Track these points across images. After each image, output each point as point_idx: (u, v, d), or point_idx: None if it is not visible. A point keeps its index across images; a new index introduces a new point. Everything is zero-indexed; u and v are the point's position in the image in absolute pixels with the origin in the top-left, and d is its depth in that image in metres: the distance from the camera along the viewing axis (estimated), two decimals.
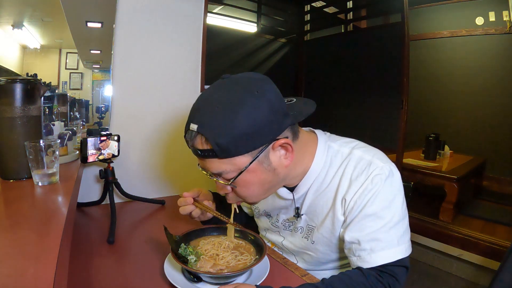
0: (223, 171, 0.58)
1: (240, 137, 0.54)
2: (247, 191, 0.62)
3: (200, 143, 0.57)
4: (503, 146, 3.03)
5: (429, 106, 3.46)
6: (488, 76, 3.10)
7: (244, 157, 0.57)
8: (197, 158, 0.62)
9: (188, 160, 1.38)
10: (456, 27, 3.26)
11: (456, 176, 2.16)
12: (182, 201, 0.78)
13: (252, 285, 0.57)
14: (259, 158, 0.58)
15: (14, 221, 0.51)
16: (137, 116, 1.22)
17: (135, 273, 0.71)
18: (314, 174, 0.68)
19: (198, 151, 0.58)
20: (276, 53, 3.05)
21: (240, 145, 0.55)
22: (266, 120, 0.55)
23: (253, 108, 0.54)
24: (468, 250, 1.93)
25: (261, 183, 0.61)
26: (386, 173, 0.62)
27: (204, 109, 0.57)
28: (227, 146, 0.54)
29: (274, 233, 0.82)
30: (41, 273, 0.36)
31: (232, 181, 0.59)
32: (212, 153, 0.55)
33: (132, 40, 1.17)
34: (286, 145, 0.59)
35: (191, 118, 0.59)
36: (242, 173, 0.58)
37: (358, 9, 3.01)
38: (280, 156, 0.61)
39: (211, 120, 0.55)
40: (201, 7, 1.32)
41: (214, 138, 0.54)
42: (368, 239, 0.61)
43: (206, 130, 0.55)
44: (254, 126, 0.54)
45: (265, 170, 0.60)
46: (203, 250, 0.70)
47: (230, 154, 0.55)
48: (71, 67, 1.20)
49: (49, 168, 0.70)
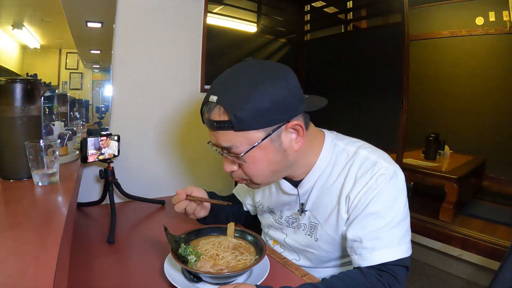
0: (234, 144, 0.59)
1: (257, 112, 0.56)
2: (255, 169, 0.63)
3: (217, 114, 0.58)
4: (503, 146, 3.03)
5: (429, 106, 3.46)
6: (488, 76, 3.10)
7: (258, 132, 0.58)
8: (210, 133, 0.63)
9: (188, 160, 1.38)
10: (456, 27, 3.26)
11: (456, 176, 2.16)
12: (176, 199, 0.78)
13: (252, 285, 0.57)
14: (272, 136, 0.59)
15: (14, 221, 0.51)
16: (137, 116, 1.22)
17: (135, 273, 0.71)
18: (319, 170, 0.69)
19: (214, 123, 0.59)
20: (276, 53, 3.05)
21: (256, 120, 0.56)
22: (284, 100, 0.57)
23: (273, 87, 0.56)
24: (468, 250, 1.93)
25: (269, 163, 0.62)
26: (391, 173, 0.63)
27: (225, 83, 0.59)
28: (244, 119, 0.56)
29: (277, 230, 0.82)
30: (41, 273, 0.36)
31: (243, 155, 0.59)
32: (228, 124, 0.57)
33: (132, 40, 1.17)
34: (298, 127, 0.61)
35: (212, 91, 0.60)
36: (253, 148, 0.59)
37: (358, 9, 3.01)
38: (291, 139, 0.62)
39: (232, 93, 0.57)
40: (201, 7, 1.32)
41: (232, 110, 0.56)
42: (370, 238, 0.61)
43: (226, 101, 0.56)
44: (272, 103, 0.56)
45: (275, 149, 0.61)
46: (203, 250, 0.70)
47: (246, 127, 0.57)
48: (71, 67, 1.20)
49: (49, 168, 0.70)
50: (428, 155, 2.72)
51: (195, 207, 0.80)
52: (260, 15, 2.96)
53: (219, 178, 1.50)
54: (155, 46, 1.22)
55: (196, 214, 0.82)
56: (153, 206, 1.15)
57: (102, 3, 1.18)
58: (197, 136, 1.38)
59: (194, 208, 0.80)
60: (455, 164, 2.60)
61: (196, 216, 0.83)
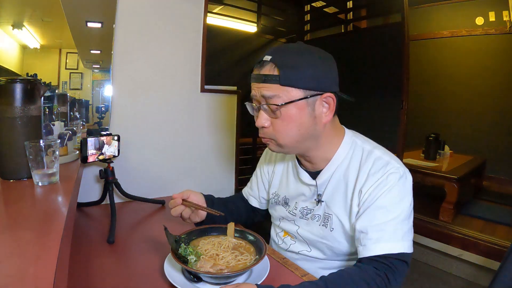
0: (276, 94, 0.66)
1: (302, 74, 0.65)
2: (285, 127, 0.68)
3: (268, 69, 0.67)
4: (503, 146, 3.03)
5: (429, 106, 3.46)
6: (488, 76, 3.10)
7: (299, 91, 0.66)
8: (253, 88, 0.70)
9: (189, 160, 1.38)
10: (456, 27, 3.26)
11: (456, 176, 2.16)
12: (172, 203, 0.81)
13: (253, 284, 0.57)
14: (309, 100, 0.67)
15: (14, 221, 0.51)
16: (137, 116, 1.22)
17: (135, 273, 0.71)
18: (337, 162, 0.74)
19: (264, 76, 0.67)
20: None
21: (300, 80, 0.65)
22: (325, 74, 0.68)
23: (318, 62, 0.67)
24: (468, 250, 1.93)
25: (300, 124, 0.68)
26: (401, 173, 0.68)
27: (280, 49, 0.69)
28: (290, 76, 0.65)
29: (289, 222, 0.84)
30: (41, 273, 0.36)
31: (281, 105, 0.66)
32: (276, 78, 0.65)
33: (132, 40, 1.17)
34: (330, 100, 0.69)
35: (267, 53, 0.69)
36: (291, 103, 0.66)
37: (358, 9, 3.01)
38: (322, 111, 0.69)
39: (285, 55, 0.67)
40: (201, 7, 1.32)
41: (283, 67, 0.65)
42: (376, 229, 0.65)
43: (279, 60, 0.66)
44: (316, 72, 0.66)
45: (308, 114, 0.68)
46: (203, 250, 0.70)
47: (290, 83, 0.65)
48: (71, 67, 1.20)
49: (49, 168, 0.70)
50: (428, 155, 2.72)
51: (190, 213, 0.82)
52: (260, 15, 2.96)
53: (219, 178, 1.50)
54: (155, 46, 1.22)
55: (192, 219, 0.84)
56: (153, 206, 1.15)
57: (102, 3, 1.18)
58: (197, 136, 1.38)
59: (190, 214, 0.82)
60: (455, 164, 2.59)
61: (192, 221, 0.85)
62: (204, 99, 1.38)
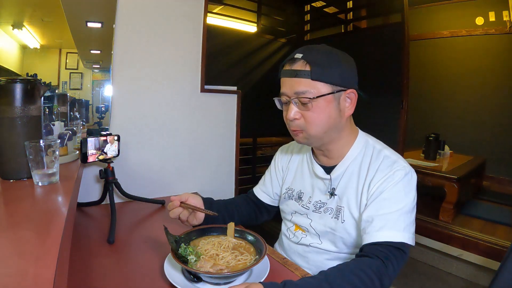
0: (308, 89, 0.72)
1: (331, 71, 0.72)
2: (316, 118, 0.74)
3: (299, 65, 0.73)
4: (503, 146, 3.03)
5: (429, 106, 3.47)
6: (488, 76, 3.10)
7: (327, 86, 0.72)
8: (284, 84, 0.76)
9: (189, 160, 1.38)
10: (456, 27, 3.26)
11: (456, 176, 2.16)
12: (171, 205, 0.83)
13: (259, 284, 0.57)
14: (335, 94, 0.73)
15: (14, 221, 0.51)
16: (137, 116, 1.22)
17: (135, 273, 0.71)
18: (351, 157, 0.80)
19: (296, 71, 0.72)
20: (276, 53, 3.05)
21: (329, 76, 0.72)
22: (349, 72, 0.75)
23: (344, 61, 0.75)
24: (468, 250, 1.93)
25: (329, 115, 0.74)
26: (407, 171, 0.73)
27: (310, 48, 0.75)
28: (321, 72, 0.71)
29: (302, 215, 0.86)
30: (41, 273, 0.36)
31: (313, 98, 0.71)
32: (308, 73, 0.71)
33: (132, 40, 1.17)
34: (352, 95, 0.76)
35: (298, 51, 0.75)
36: (321, 97, 0.72)
37: (358, 9, 3.01)
38: (345, 105, 0.76)
39: (315, 53, 0.73)
40: (201, 7, 1.32)
41: (313, 63, 0.71)
42: (380, 219, 0.69)
43: (310, 57, 0.72)
44: (342, 70, 0.73)
45: (335, 107, 0.74)
46: (203, 250, 0.70)
47: (320, 79, 0.71)
48: (71, 67, 1.20)
49: (49, 168, 0.70)
50: (428, 155, 2.72)
51: (188, 215, 0.83)
52: (260, 15, 2.96)
53: (219, 178, 1.50)
54: (155, 46, 1.22)
55: (190, 222, 0.85)
56: (153, 206, 1.15)
57: (102, 3, 1.18)
58: (197, 136, 1.38)
59: (187, 216, 0.84)
60: (455, 164, 2.59)
61: (190, 223, 0.85)
62: (204, 99, 1.38)
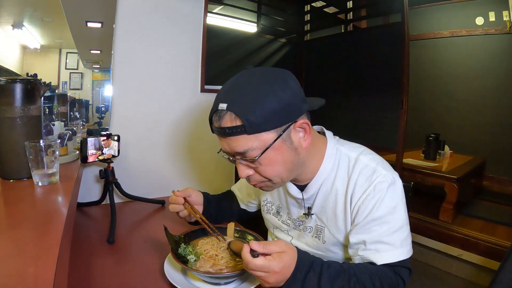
0: (249, 148, 0.60)
1: (268, 114, 0.58)
2: (272, 170, 0.64)
3: (229, 121, 0.60)
4: (503, 146, 3.03)
5: (429, 106, 3.46)
6: (488, 76, 3.10)
7: (270, 133, 0.60)
8: (221, 141, 0.64)
9: (188, 159, 1.38)
10: (456, 27, 3.26)
11: (456, 176, 2.16)
12: (174, 199, 0.80)
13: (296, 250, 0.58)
14: (283, 136, 0.61)
15: (14, 221, 0.51)
16: (137, 116, 1.22)
17: (135, 273, 0.71)
18: (324, 175, 0.71)
19: (227, 129, 0.60)
20: (276, 53, 3.05)
21: (267, 122, 0.59)
22: (289, 101, 0.60)
23: (278, 90, 0.59)
24: (468, 250, 1.92)
25: (284, 162, 0.64)
26: (389, 181, 0.65)
27: (233, 91, 0.61)
28: (256, 122, 0.58)
29: (283, 232, 0.84)
30: (41, 273, 0.36)
31: (258, 158, 0.61)
32: (242, 129, 0.58)
33: (132, 40, 1.17)
34: (305, 125, 0.63)
35: (220, 99, 0.61)
36: (267, 150, 0.61)
37: (358, 9, 3.01)
38: (299, 138, 0.65)
39: (241, 98, 0.59)
40: (201, 7, 1.32)
41: (244, 114, 0.58)
42: (373, 241, 0.64)
43: (236, 107, 0.58)
44: (280, 105, 0.59)
45: (288, 148, 0.63)
46: (203, 250, 0.70)
47: (258, 130, 0.59)
48: (71, 67, 1.20)
49: (49, 168, 0.70)
50: (428, 155, 2.72)
51: (187, 214, 0.82)
52: (260, 15, 2.96)
53: (219, 177, 1.50)
54: (155, 46, 1.22)
55: (187, 220, 0.85)
56: (153, 206, 1.15)
57: (102, 3, 1.18)
58: (197, 136, 1.38)
59: (186, 215, 0.83)
60: (455, 164, 2.59)
61: (187, 220, 0.85)
62: (204, 99, 1.38)
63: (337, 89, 2.87)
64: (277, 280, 0.55)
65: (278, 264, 0.54)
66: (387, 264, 0.63)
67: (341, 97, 2.82)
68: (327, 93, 2.92)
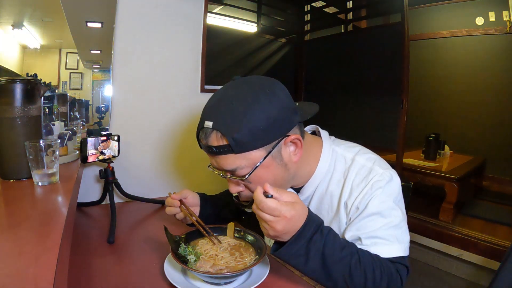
0: (237, 166, 0.59)
1: (255, 132, 0.56)
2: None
3: (215, 140, 0.58)
4: (503, 146, 3.03)
5: (429, 106, 3.46)
6: (488, 76, 3.10)
7: (258, 152, 0.58)
8: (210, 157, 0.63)
9: (188, 160, 1.38)
10: (456, 27, 3.26)
11: (456, 176, 2.16)
12: (170, 202, 0.81)
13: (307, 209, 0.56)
14: (273, 153, 0.59)
15: (14, 221, 0.51)
16: (137, 116, 1.22)
17: (135, 273, 0.71)
18: (319, 177, 0.70)
19: (213, 148, 0.58)
20: (276, 53, 3.05)
21: (255, 139, 0.56)
22: (278, 115, 0.57)
23: (266, 105, 0.56)
24: (468, 250, 1.92)
25: (274, 179, 0.62)
26: (386, 179, 0.64)
27: (218, 107, 0.59)
28: (243, 140, 0.55)
29: None
30: (41, 273, 0.36)
31: (247, 177, 0.59)
32: (228, 148, 0.56)
33: (132, 40, 1.17)
34: (296, 140, 0.61)
35: (205, 116, 0.60)
36: (256, 168, 0.58)
37: (358, 9, 3.01)
38: (290, 152, 0.62)
39: (227, 116, 0.56)
40: (201, 7, 1.32)
41: (230, 133, 0.55)
42: (368, 237, 0.63)
43: (222, 125, 0.56)
44: (268, 121, 0.56)
45: (277, 165, 0.61)
46: (203, 250, 0.70)
47: (246, 149, 0.57)
48: (71, 67, 1.20)
49: (49, 168, 0.70)
50: (428, 155, 2.72)
51: (183, 217, 0.83)
52: (260, 15, 2.96)
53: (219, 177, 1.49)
54: (155, 46, 1.22)
55: (184, 221, 0.85)
56: (153, 206, 1.15)
57: (102, 3, 1.18)
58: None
59: (182, 218, 0.83)
60: (455, 164, 2.59)
61: (184, 222, 0.86)
62: (204, 99, 1.37)
63: (337, 89, 2.87)
64: (284, 228, 0.52)
65: (289, 210, 0.52)
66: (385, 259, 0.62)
67: (341, 97, 2.82)
68: (327, 93, 2.92)
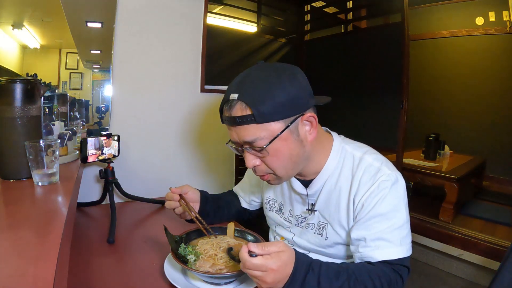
0: (257, 137, 0.62)
1: (277, 105, 0.61)
2: (278, 161, 0.66)
3: (239, 110, 0.62)
4: (503, 146, 3.03)
5: (429, 106, 3.46)
6: (488, 76, 3.10)
7: (278, 124, 0.62)
8: (229, 131, 0.67)
9: (188, 159, 1.38)
10: (456, 27, 3.26)
11: (456, 176, 2.16)
12: (169, 196, 0.82)
13: (294, 252, 0.58)
14: (291, 127, 0.63)
15: (14, 221, 0.51)
16: (137, 116, 1.22)
17: (135, 273, 0.71)
18: (328, 171, 0.73)
19: (237, 118, 0.62)
20: (276, 53, 3.05)
21: (276, 112, 0.61)
22: (298, 94, 0.63)
23: (288, 84, 0.62)
24: (468, 250, 1.92)
25: (290, 153, 0.65)
26: (393, 180, 0.66)
27: (243, 82, 0.64)
28: (265, 111, 0.60)
29: (285, 229, 0.84)
30: (41, 273, 0.36)
31: (266, 146, 0.63)
32: (251, 118, 0.61)
33: (132, 40, 1.17)
34: (311, 118, 0.66)
35: (231, 90, 0.64)
36: (275, 140, 0.62)
37: (358, 9, 3.01)
38: (306, 130, 0.67)
39: (252, 89, 0.62)
40: (201, 7, 1.32)
41: (254, 104, 0.60)
42: (373, 238, 0.64)
43: (247, 97, 0.61)
44: (289, 97, 0.61)
45: (294, 140, 0.65)
46: (202, 250, 0.70)
47: (267, 119, 0.61)
48: (71, 67, 1.20)
49: (49, 168, 0.70)
50: (428, 155, 2.72)
51: (182, 211, 0.83)
52: (260, 15, 2.96)
53: (219, 178, 1.50)
54: (155, 46, 1.22)
55: (183, 217, 0.86)
56: (153, 206, 1.15)
57: (102, 3, 1.18)
58: (197, 136, 1.38)
59: (181, 212, 0.84)
60: (455, 164, 2.59)
61: (182, 217, 0.86)
62: (204, 99, 1.38)
63: (337, 89, 2.87)
64: (275, 279, 0.55)
65: (275, 262, 0.54)
66: (386, 262, 0.63)
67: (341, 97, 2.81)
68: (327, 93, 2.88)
